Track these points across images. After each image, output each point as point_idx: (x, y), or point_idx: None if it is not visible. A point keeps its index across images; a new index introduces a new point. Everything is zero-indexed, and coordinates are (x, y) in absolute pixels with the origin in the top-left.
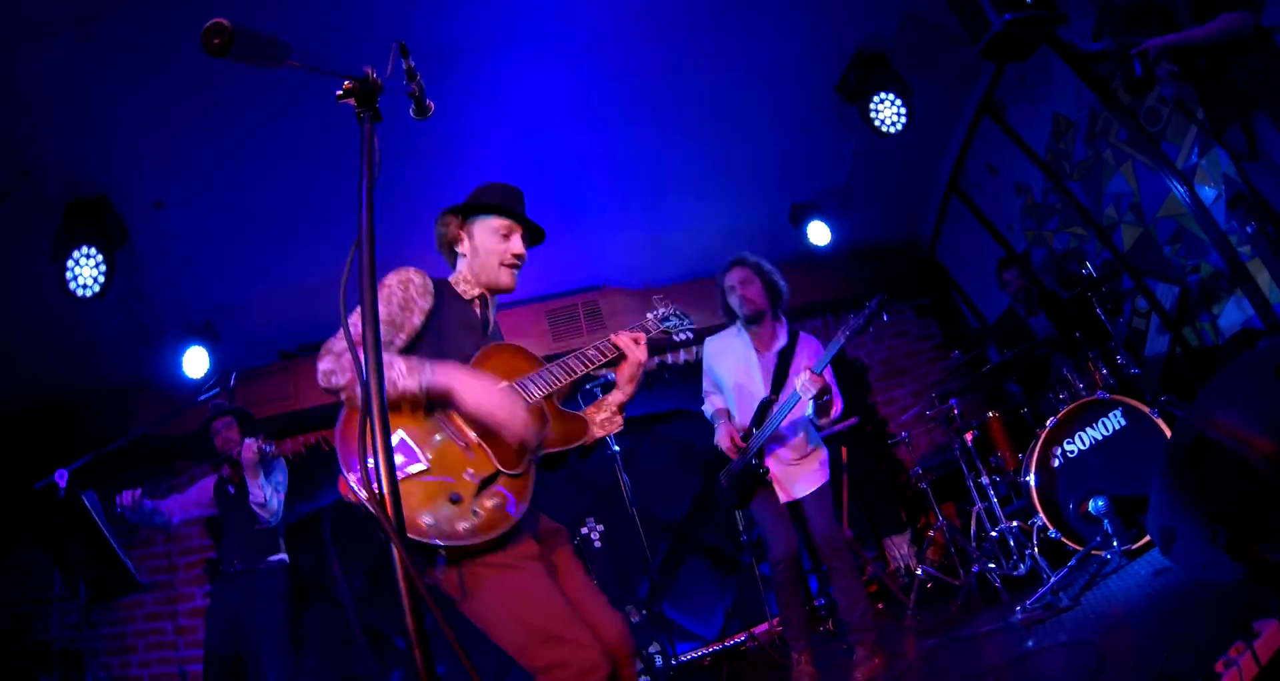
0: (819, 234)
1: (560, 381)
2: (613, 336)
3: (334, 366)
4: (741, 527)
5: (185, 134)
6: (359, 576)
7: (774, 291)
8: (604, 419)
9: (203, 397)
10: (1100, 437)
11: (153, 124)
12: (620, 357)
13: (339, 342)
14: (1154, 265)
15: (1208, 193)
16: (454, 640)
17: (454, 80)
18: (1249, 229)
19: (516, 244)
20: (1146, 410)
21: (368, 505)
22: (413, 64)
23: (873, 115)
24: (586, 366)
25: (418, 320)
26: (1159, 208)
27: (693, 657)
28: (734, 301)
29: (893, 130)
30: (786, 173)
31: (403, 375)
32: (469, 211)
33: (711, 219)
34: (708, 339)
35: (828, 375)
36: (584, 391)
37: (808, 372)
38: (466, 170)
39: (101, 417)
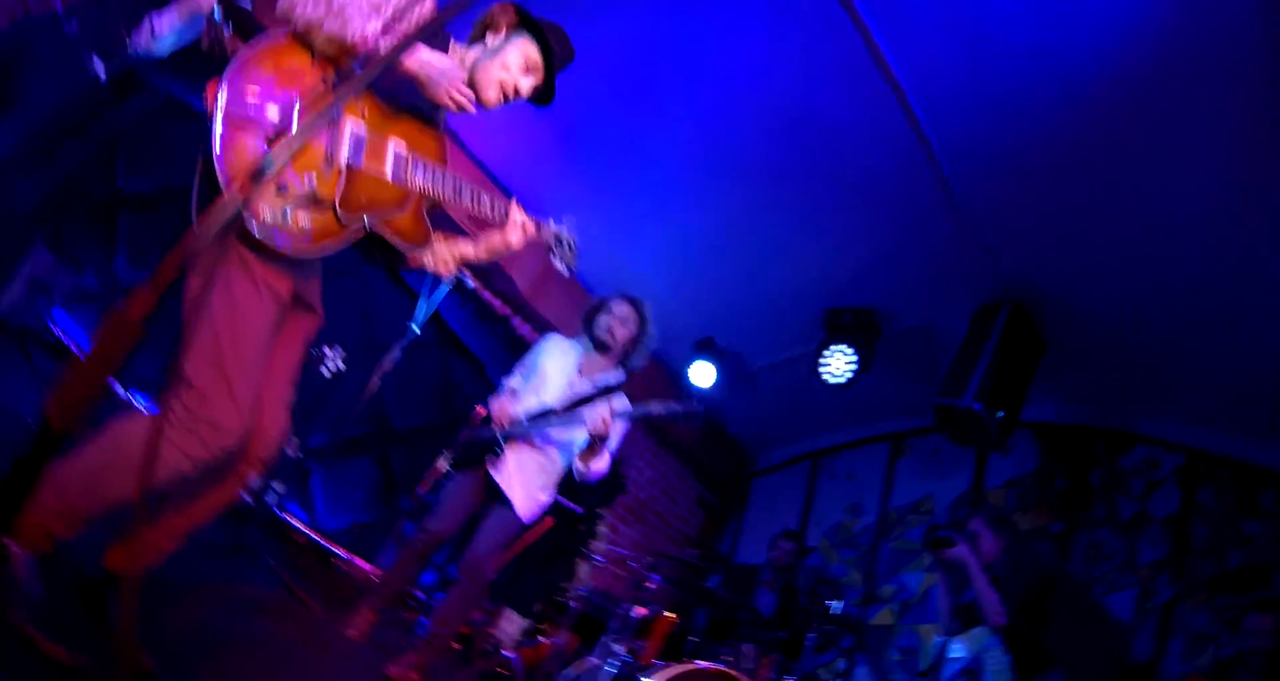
0: (701, 375)
1: (442, 191)
2: (513, 207)
3: None
4: (430, 486)
5: None
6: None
7: (637, 348)
8: (443, 257)
9: None
10: None
11: None
12: (502, 226)
13: None
14: (874, 654)
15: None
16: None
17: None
18: None
19: (528, 85)
20: None
21: (214, 121)
22: None
23: (826, 354)
24: (471, 204)
25: (385, 40)
26: (919, 623)
27: (296, 527)
28: (600, 323)
29: (826, 378)
30: (729, 317)
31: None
32: (529, 25)
33: (659, 274)
34: (555, 335)
35: (618, 436)
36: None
37: (611, 413)
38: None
39: None
